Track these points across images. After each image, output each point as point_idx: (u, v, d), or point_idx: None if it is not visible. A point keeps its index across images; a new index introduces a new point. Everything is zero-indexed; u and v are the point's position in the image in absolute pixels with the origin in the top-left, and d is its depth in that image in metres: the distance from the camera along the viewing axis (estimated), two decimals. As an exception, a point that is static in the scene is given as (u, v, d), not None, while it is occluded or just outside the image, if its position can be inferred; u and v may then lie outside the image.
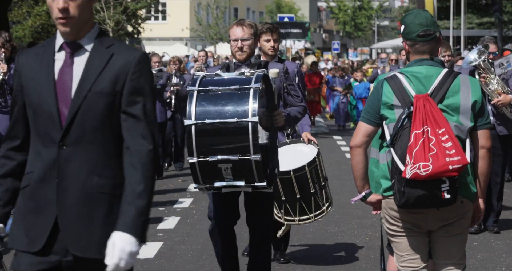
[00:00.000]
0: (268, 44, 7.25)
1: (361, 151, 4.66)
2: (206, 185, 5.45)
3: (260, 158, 5.28)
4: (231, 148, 5.33)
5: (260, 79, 5.40)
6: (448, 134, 4.39)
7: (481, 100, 4.59)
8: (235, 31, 5.98)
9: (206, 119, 5.29)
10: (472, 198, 4.65)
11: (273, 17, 63.95)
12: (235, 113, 5.29)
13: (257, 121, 5.25)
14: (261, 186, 5.41)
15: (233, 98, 5.35)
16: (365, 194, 4.78)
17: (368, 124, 4.64)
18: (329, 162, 15.65)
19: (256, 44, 6.04)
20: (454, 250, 4.68)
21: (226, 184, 5.42)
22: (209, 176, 5.41)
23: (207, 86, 5.41)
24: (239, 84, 5.37)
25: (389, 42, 56.13)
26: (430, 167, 4.32)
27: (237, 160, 5.30)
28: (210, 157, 5.33)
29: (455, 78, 4.57)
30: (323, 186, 6.83)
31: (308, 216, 6.81)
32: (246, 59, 5.98)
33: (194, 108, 5.33)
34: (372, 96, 4.67)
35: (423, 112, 4.42)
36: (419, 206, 4.49)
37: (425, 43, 4.63)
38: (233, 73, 5.60)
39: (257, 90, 5.33)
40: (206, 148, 5.34)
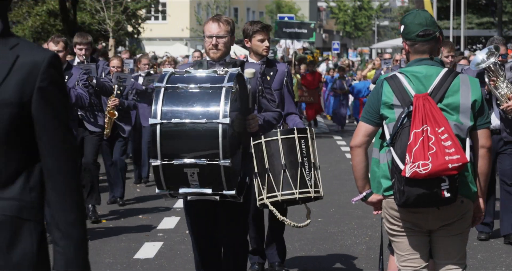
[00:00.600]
0: (263, 44, 7.00)
1: (362, 150, 4.67)
2: (169, 191, 5.09)
3: (230, 163, 4.91)
4: (199, 151, 4.95)
5: (234, 78, 5.04)
6: (447, 133, 4.39)
7: (481, 99, 4.59)
8: (210, 27, 5.58)
9: (173, 119, 4.92)
10: (473, 197, 4.65)
11: (273, 17, 63.95)
12: (204, 114, 4.92)
13: (228, 124, 4.87)
14: (230, 194, 5.04)
15: (203, 97, 4.98)
16: (366, 194, 4.79)
17: (368, 124, 4.65)
18: (329, 162, 15.64)
19: (232, 42, 5.64)
20: (455, 250, 4.68)
21: (191, 191, 5.04)
22: (173, 181, 5.03)
23: (175, 84, 5.04)
24: (210, 83, 5.01)
25: (389, 42, 56.14)
26: (429, 165, 4.33)
27: (205, 164, 4.91)
28: (175, 160, 4.95)
29: (454, 77, 4.57)
30: (313, 166, 6.12)
31: (292, 191, 6.07)
32: (220, 57, 5.58)
33: (160, 106, 4.95)
34: (372, 96, 4.68)
35: (422, 112, 4.43)
36: (419, 205, 4.50)
37: (424, 43, 4.64)
38: (204, 71, 5.21)
39: (230, 90, 4.97)
40: (171, 150, 4.96)
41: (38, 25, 36.13)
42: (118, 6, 36.50)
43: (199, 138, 4.94)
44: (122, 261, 7.91)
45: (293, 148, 6.00)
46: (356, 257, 8.08)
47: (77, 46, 9.70)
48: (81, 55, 9.66)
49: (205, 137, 4.92)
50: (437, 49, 4.72)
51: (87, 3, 36.22)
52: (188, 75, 5.14)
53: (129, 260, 7.82)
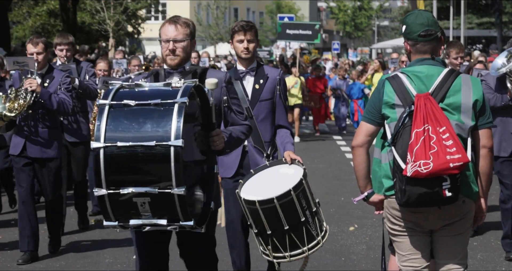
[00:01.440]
0: (241, 45, 6.24)
1: (363, 150, 4.68)
2: (119, 223, 4.47)
3: (185, 191, 4.29)
4: (148, 178, 4.35)
5: (188, 92, 4.41)
6: (449, 132, 4.40)
7: (482, 99, 4.61)
8: (167, 30, 4.97)
9: (118, 141, 4.29)
10: (474, 197, 4.65)
11: (273, 17, 63.98)
12: (154, 135, 4.29)
13: (181, 146, 4.24)
14: (188, 225, 4.45)
15: (152, 115, 4.36)
16: (367, 194, 4.80)
17: (370, 124, 4.66)
18: (329, 162, 15.65)
19: (192, 48, 5.05)
20: (456, 250, 4.69)
21: (143, 222, 4.45)
22: (122, 212, 4.44)
23: (122, 100, 4.40)
24: (161, 98, 4.37)
25: (389, 42, 56.14)
26: (430, 164, 4.34)
27: (156, 193, 4.31)
28: (122, 189, 4.33)
29: (456, 77, 4.59)
30: (315, 212, 5.78)
31: (301, 250, 5.70)
32: (179, 65, 4.98)
33: (104, 127, 4.33)
34: (374, 96, 4.69)
35: (424, 111, 4.44)
36: (421, 205, 4.50)
37: (426, 43, 4.66)
38: (156, 84, 4.59)
39: (183, 107, 4.32)
40: (117, 178, 4.35)
41: (38, 25, 36.16)
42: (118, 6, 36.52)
43: (149, 163, 4.33)
44: (122, 261, 7.91)
45: (293, 209, 5.59)
46: (356, 257, 8.08)
47: (57, 47, 9.14)
48: (62, 56, 9.12)
49: (155, 161, 4.31)
50: (439, 49, 4.73)
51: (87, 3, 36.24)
52: (138, 89, 4.54)
53: (129, 260, 7.82)
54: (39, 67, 7.93)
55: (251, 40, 6.25)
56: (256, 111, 6.26)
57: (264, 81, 6.31)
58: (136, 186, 4.33)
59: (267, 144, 6.26)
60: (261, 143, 6.23)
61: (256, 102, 6.27)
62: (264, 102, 6.27)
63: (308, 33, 21.02)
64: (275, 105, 6.32)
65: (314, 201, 5.78)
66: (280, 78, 6.36)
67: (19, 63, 7.85)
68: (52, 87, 7.97)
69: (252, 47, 6.26)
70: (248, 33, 6.23)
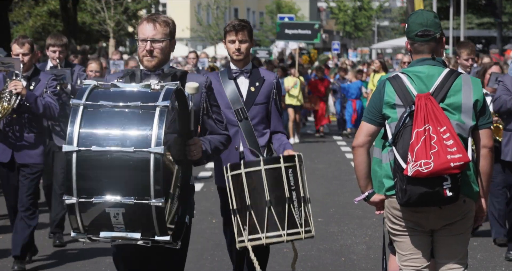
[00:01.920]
0: (233, 46, 5.97)
1: (364, 150, 4.69)
2: (88, 235, 4.11)
3: (164, 203, 3.96)
4: (124, 187, 3.98)
5: (171, 95, 4.08)
6: (449, 132, 4.42)
7: (483, 99, 4.63)
8: (145, 29, 4.57)
9: (93, 146, 3.95)
10: (475, 197, 4.67)
11: (273, 17, 63.98)
12: (133, 140, 3.96)
13: (162, 153, 3.92)
14: (164, 241, 4.12)
15: (132, 119, 4.02)
16: (368, 193, 4.81)
17: (371, 124, 4.67)
18: (329, 163, 15.66)
19: (172, 48, 4.68)
20: (457, 249, 4.71)
21: (115, 235, 4.08)
22: (93, 223, 4.07)
23: (97, 101, 4.06)
24: (141, 101, 4.04)
25: (389, 42, 56.12)
26: (431, 164, 4.35)
27: (132, 204, 3.96)
28: (95, 198, 3.99)
29: (456, 77, 4.61)
30: (303, 200, 5.42)
31: (278, 233, 5.31)
32: (156, 66, 4.58)
33: (77, 129, 3.98)
34: (374, 96, 4.70)
35: (424, 111, 4.46)
36: (421, 204, 4.52)
37: (423, 43, 4.67)
38: (134, 85, 4.26)
39: (165, 111, 4.00)
40: (90, 185, 4.00)
41: (38, 25, 36.18)
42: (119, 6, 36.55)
43: (125, 170, 3.97)
44: (123, 261, 7.92)
45: (279, 181, 5.30)
46: (356, 257, 8.10)
47: (50, 48, 8.65)
48: (54, 58, 8.62)
49: (133, 169, 3.95)
50: (440, 50, 4.74)
51: (87, 4, 36.26)
52: (115, 90, 4.19)
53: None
54: (25, 69, 7.49)
55: (244, 40, 5.98)
56: (250, 115, 6.03)
57: (260, 84, 6.07)
58: (110, 194, 3.98)
59: (262, 148, 6.03)
60: (257, 145, 6.00)
61: (251, 105, 6.05)
62: (259, 106, 6.05)
63: (307, 32, 20.72)
64: (270, 110, 6.09)
65: (305, 190, 5.48)
66: (276, 82, 6.14)
67: (3, 64, 7.51)
68: (38, 90, 7.56)
69: (244, 48, 5.99)
70: (240, 33, 5.96)
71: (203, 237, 8.88)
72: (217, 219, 9.93)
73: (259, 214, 5.29)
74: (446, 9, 40.31)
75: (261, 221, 5.28)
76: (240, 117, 6.02)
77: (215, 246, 8.50)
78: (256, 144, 5.99)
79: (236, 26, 5.96)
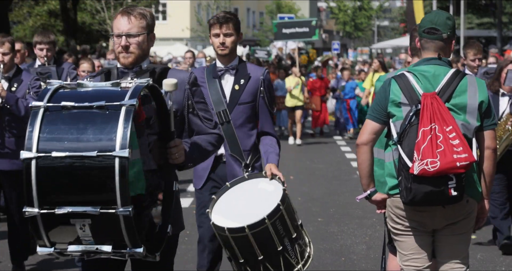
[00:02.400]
0: (217, 40, 5.58)
1: (368, 148, 4.69)
2: (56, 249, 3.77)
3: (132, 212, 3.61)
4: (89, 196, 3.65)
5: (138, 93, 3.72)
6: (455, 132, 4.44)
7: (488, 101, 4.65)
8: (119, 23, 4.22)
9: (54, 151, 3.60)
10: (478, 198, 4.69)
11: (273, 17, 63.98)
12: (96, 144, 3.61)
13: (127, 157, 3.56)
14: (137, 253, 3.74)
15: (95, 120, 3.67)
16: (370, 192, 4.81)
17: (375, 122, 4.68)
18: (329, 163, 15.67)
19: (151, 43, 4.34)
20: (459, 249, 4.72)
21: (84, 249, 3.74)
22: (59, 236, 3.75)
23: (59, 102, 3.71)
24: (106, 100, 3.69)
25: (389, 42, 56.13)
26: (437, 163, 4.36)
27: (98, 214, 3.62)
28: (57, 208, 3.63)
29: (462, 78, 4.63)
30: (295, 239, 5.16)
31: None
32: (134, 63, 4.23)
33: (36, 134, 3.65)
34: (380, 95, 4.70)
35: (430, 110, 4.47)
36: (426, 203, 4.52)
37: (429, 40, 4.70)
38: (103, 84, 3.89)
39: (131, 110, 3.65)
40: (52, 195, 3.65)
41: (38, 25, 36.16)
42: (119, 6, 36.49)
43: (89, 177, 3.62)
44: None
45: (268, 238, 5.02)
46: (356, 257, 8.10)
47: (37, 46, 8.31)
48: (42, 56, 8.27)
49: (97, 176, 3.61)
50: (448, 51, 4.74)
51: (87, 3, 36.25)
52: (81, 90, 3.85)
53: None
54: (6, 69, 7.17)
55: (228, 34, 5.57)
56: (234, 116, 5.59)
57: (246, 81, 5.63)
58: (74, 205, 3.64)
59: (247, 153, 5.60)
60: (239, 151, 5.58)
61: (235, 105, 5.60)
62: (244, 106, 5.60)
63: (305, 30, 20.29)
64: (257, 109, 5.65)
65: (295, 225, 5.19)
66: (264, 79, 5.65)
67: None
68: (21, 91, 7.17)
69: (229, 42, 5.58)
70: (225, 26, 5.56)
71: (203, 237, 8.88)
72: (217, 219, 9.95)
73: (255, 268, 5.13)
74: (446, 9, 40.35)
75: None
76: (222, 120, 5.57)
77: (215, 246, 8.49)
78: (238, 148, 5.59)
79: (220, 18, 5.58)
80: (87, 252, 3.77)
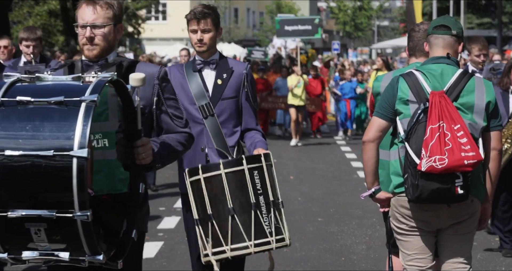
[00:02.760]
0: (194, 36, 5.30)
1: (374, 146, 4.69)
2: (10, 255, 3.48)
3: (90, 216, 3.34)
4: (44, 198, 3.37)
5: (100, 88, 3.46)
6: (463, 130, 4.46)
7: (495, 101, 4.67)
8: (84, 13, 3.98)
9: (7, 150, 3.33)
10: (482, 198, 4.72)
11: (273, 17, 63.99)
12: (52, 142, 3.34)
13: (86, 157, 3.30)
14: (97, 260, 3.47)
15: (52, 117, 3.39)
16: (374, 190, 4.81)
17: (382, 119, 4.68)
18: (329, 162, 15.66)
19: (118, 34, 4.07)
20: (462, 249, 4.74)
21: (38, 256, 3.47)
22: (13, 241, 3.48)
23: (15, 96, 3.43)
24: (65, 95, 3.41)
25: (389, 42, 56.13)
26: (446, 160, 4.38)
27: (54, 218, 3.35)
28: (10, 212, 3.36)
29: (470, 78, 4.65)
30: (273, 205, 4.80)
31: (244, 244, 4.73)
32: (99, 56, 4.01)
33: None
34: (387, 92, 4.71)
35: (439, 108, 4.49)
36: (432, 201, 4.53)
37: (438, 36, 4.72)
38: (63, 77, 3.61)
39: (92, 106, 3.38)
40: (5, 197, 3.38)
41: (39, 25, 36.12)
42: (119, 6, 36.43)
43: (45, 178, 3.34)
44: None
45: (243, 185, 4.72)
46: (356, 257, 8.10)
47: (23, 42, 8.08)
48: (28, 53, 8.02)
49: (53, 177, 3.33)
50: (456, 49, 4.76)
51: (87, 3, 36.15)
52: (39, 84, 3.57)
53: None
54: None
55: (206, 30, 5.28)
56: (218, 111, 5.34)
57: (228, 76, 5.37)
58: (29, 208, 3.37)
59: (232, 149, 5.33)
60: (225, 145, 5.31)
61: (218, 100, 5.34)
62: (227, 101, 5.35)
63: (307, 28, 19.93)
64: (241, 105, 5.39)
65: (275, 193, 4.86)
66: (247, 73, 5.40)
67: None
68: None
69: (208, 39, 5.29)
70: (202, 21, 5.26)
71: (203, 237, 8.88)
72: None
73: (222, 224, 4.70)
74: (446, 9, 40.34)
75: (224, 232, 4.70)
76: (206, 114, 5.31)
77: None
78: (224, 143, 5.32)
79: (197, 13, 5.26)
80: (43, 259, 3.50)
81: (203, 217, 4.77)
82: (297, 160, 16.07)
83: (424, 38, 5.18)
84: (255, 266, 7.67)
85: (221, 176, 4.73)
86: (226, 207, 4.70)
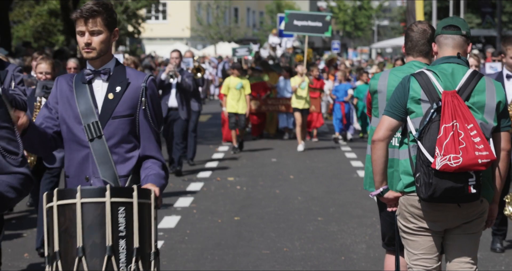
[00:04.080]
0: (82, 39, 4.34)
1: (384, 145, 4.69)
2: None
3: None
4: None
5: None
6: (476, 129, 4.48)
7: (505, 102, 4.69)
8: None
9: None
10: (490, 199, 4.74)
11: (273, 17, 63.99)
12: None
13: None
14: None
15: None
16: (382, 189, 4.82)
17: (393, 119, 4.69)
18: (329, 162, 15.67)
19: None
20: (470, 249, 4.75)
21: None
22: None
23: None
24: None
25: (389, 42, 56.14)
26: (460, 159, 4.39)
27: None
28: None
29: (480, 78, 4.67)
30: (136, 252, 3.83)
31: None
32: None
33: None
34: (398, 91, 4.72)
35: (451, 107, 4.51)
36: (444, 200, 4.54)
37: (448, 36, 4.73)
38: None
39: None
40: None
41: (39, 25, 36.17)
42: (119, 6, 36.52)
43: None
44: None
45: (101, 221, 3.76)
46: (356, 256, 8.11)
47: None
48: None
49: None
50: (466, 49, 4.78)
51: (87, 3, 36.19)
52: None
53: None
54: None
55: (96, 31, 4.32)
56: (107, 132, 4.35)
57: (123, 89, 4.39)
58: None
59: (123, 179, 4.37)
60: (113, 175, 4.34)
61: (108, 118, 4.36)
62: (120, 120, 4.37)
63: (318, 24, 18.65)
64: (138, 126, 4.42)
65: (146, 242, 3.89)
66: (147, 87, 4.41)
67: None
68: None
69: (97, 42, 4.34)
70: (91, 20, 4.30)
71: (203, 237, 8.89)
72: (217, 218, 9.95)
73: (68, 266, 3.79)
74: (446, 9, 40.36)
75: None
76: (92, 135, 4.34)
77: (215, 245, 8.51)
78: (113, 172, 4.35)
79: (84, 12, 4.29)
80: None
81: (51, 253, 3.86)
82: (297, 159, 16.07)
83: (423, 38, 5.20)
84: (255, 265, 7.69)
85: (75, 205, 3.79)
86: (75, 246, 3.78)
